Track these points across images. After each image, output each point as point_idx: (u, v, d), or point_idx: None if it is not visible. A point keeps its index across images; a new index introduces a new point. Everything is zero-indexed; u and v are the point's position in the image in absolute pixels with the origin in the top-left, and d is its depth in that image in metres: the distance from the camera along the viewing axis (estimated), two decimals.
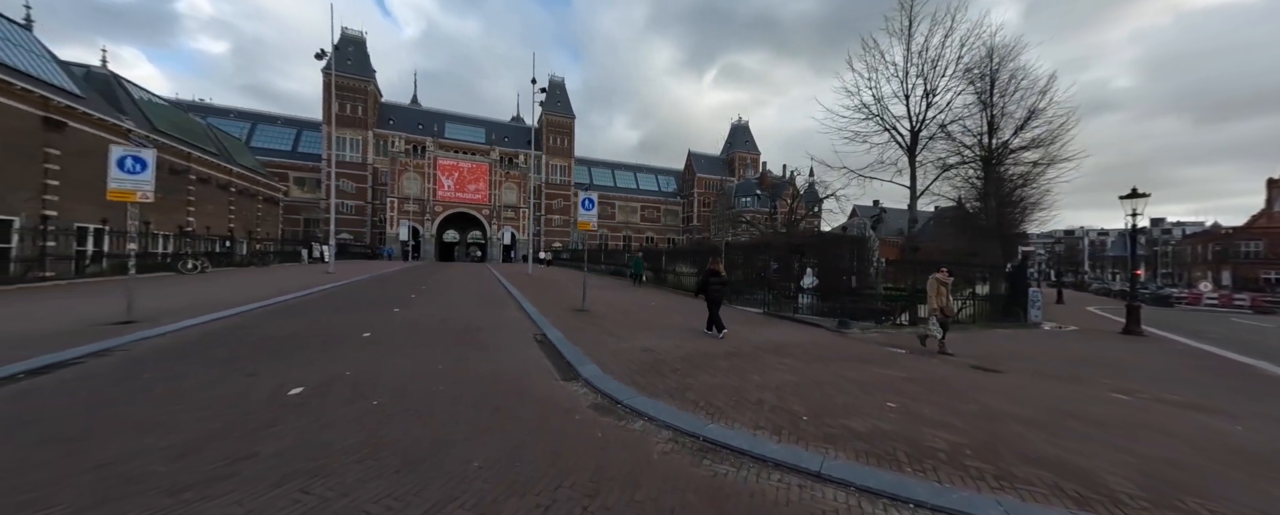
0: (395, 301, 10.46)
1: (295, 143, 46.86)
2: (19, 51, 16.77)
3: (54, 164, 16.98)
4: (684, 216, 67.76)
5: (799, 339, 7.85)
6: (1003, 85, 11.25)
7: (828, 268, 12.57)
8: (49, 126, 16.92)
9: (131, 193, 6.47)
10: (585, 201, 9.82)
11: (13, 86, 15.37)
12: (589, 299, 11.70)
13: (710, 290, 7.79)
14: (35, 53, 17.63)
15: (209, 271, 18.60)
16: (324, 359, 5.11)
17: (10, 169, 15.51)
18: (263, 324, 7.17)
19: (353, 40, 47.33)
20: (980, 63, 11.01)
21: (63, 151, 17.30)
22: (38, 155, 16.55)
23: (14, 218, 15.66)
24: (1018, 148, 11.69)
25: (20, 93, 15.70)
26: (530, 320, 8.57)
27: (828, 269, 12.63)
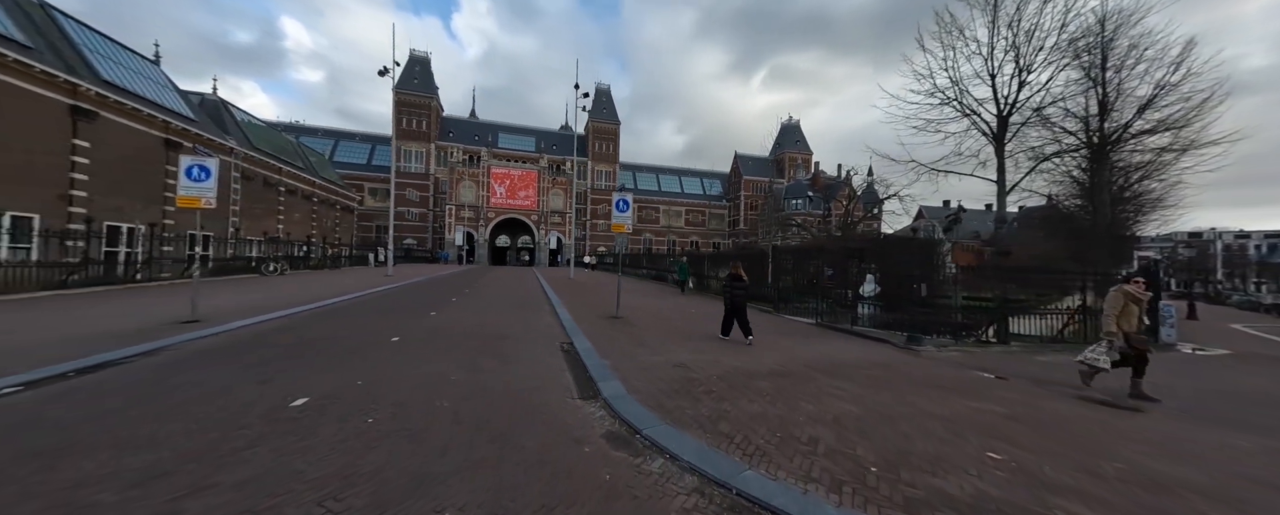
0: (436, 305, 10.54)
1: (370, 156, 51.17)
2: (147, 83, 19.46)
3: (171, 179, 19.47)
4: (729, 220, 65.74)
5: (859, 356, 6.73)
6: (1119, 57, 9.16)
7: (892, 274, 11.10)
8: (168, 146, 19.45)
9: (196, 199, 6.87)
10: (619, 203, 9.30)
11: (140, 112, 17.80)
12: (626, 306, 11.15)
13: (733, 295, 7.53)
14: (160, 83, 20.40)
15: (287, 273, 20.30)
16: (344, 366, 4.94)
17: (137, 183, 17.93)
18: (306, 326, 7.32)
19: (419, 61, 51.00)
20: (1089, 31, 9.02)
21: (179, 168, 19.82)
22: (160, 171, 19.04)
23: (138, 226, 18.07)
24: (1141, 131, 9.48)
25: (146, 118, 18.14)
26: (561, 327, 8.15)
27: (892, 275, 11.15)
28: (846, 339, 8.62)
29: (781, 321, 10.55)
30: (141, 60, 20.08)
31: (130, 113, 17.39)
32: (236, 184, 23.66)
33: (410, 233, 49.64)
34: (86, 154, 15.69)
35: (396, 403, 3.78)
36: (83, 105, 15.50)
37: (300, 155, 32.38)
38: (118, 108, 16.86)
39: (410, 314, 8.94)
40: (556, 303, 11.68)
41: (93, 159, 15.83)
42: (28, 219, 14.17)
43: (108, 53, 17.95)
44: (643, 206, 61.10)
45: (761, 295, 13.40)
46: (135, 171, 17.81)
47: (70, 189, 15.34)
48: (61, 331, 6.15)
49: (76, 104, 15.34)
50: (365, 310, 9.27)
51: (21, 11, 15.10)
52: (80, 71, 15.73)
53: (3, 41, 13.32)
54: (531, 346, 6.44)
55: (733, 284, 7.63)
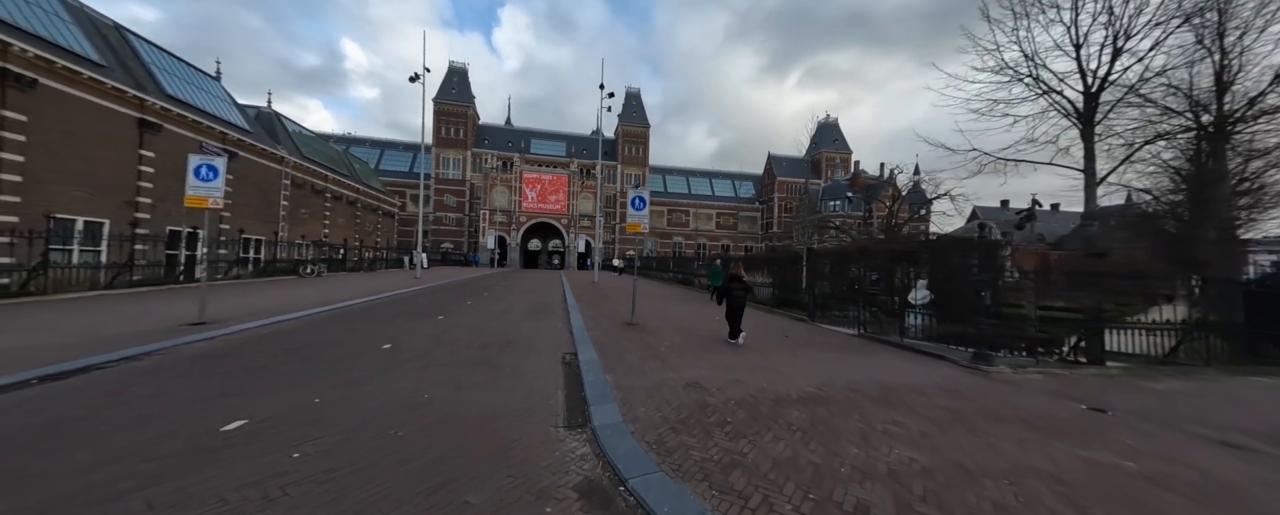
0: (449, 309, 10.17)
1: (412, 164, 53.37)
2: (208, 97, 20.83)
3: (230, 187, 20.72)
4: (763, 223, 63.43)
5: (915, 378, 5.57)
6: (1245, 19, 7.33)
7: (948, 279, 9.65)
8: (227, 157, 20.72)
9: (204, 199, 6.75)
10: (635, 200, 8.53)
11: (200, 124, 18.99)
12: (646, 312, 10.34)
13: (732, 296, 7.28)
14: (219, 97, 21.83)
15: (325, 275, 20.94)
16: (317, 379, 4.44)
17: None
18: (307, 330, 7.03)
19: (457, 71, 52.80)
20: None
21: (237, 177, 21.05)
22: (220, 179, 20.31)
23: (201, 230, 19.25)
24: (1275, 108, 7.55)
25: (205, 129, 19.35)
26: (570, 335, 7.45)
27: (948, 281, 9.70)
28: (896, 354, 7.38)
29: (818, 332, 9.37)
30: (203, 76, 21.52)
31: (191, 124, 18.52)
32: (286, 191, 24.92)
33: (448, 237, 51.21)
34: (151, 163, 16.77)
35: (346, 430, 3.16)
36: (149, 118, 16.59)
37: (346, 164, 33.99)
38: (180, 120, 17.99)
39: (418, 318, 8.56)
40: (573, 307, 11.04)
41: (157, 168, 16.92)
42: (99, 224, 15.20)
43: (173, 69, 19.29)
44: (672, 209, 60.12)
45: (795, 302, 12.19)
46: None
47: (136, 196, 16.40)
48: (72, 333, 6.12)
49: (143, 117, 16.42)
50: (375, 314, 9.00)
51: (98, 33, 16.40)
52: (147, 87, 16.89)
53: (79, 60, 14.41)
54: (531, 357, 5.77)
55: (733, 284, 7.40)
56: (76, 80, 14.21)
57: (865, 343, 8.43)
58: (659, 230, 59.43)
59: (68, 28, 14.89)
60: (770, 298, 13.36)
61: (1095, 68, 7.97)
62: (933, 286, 10.34)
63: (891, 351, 7.64)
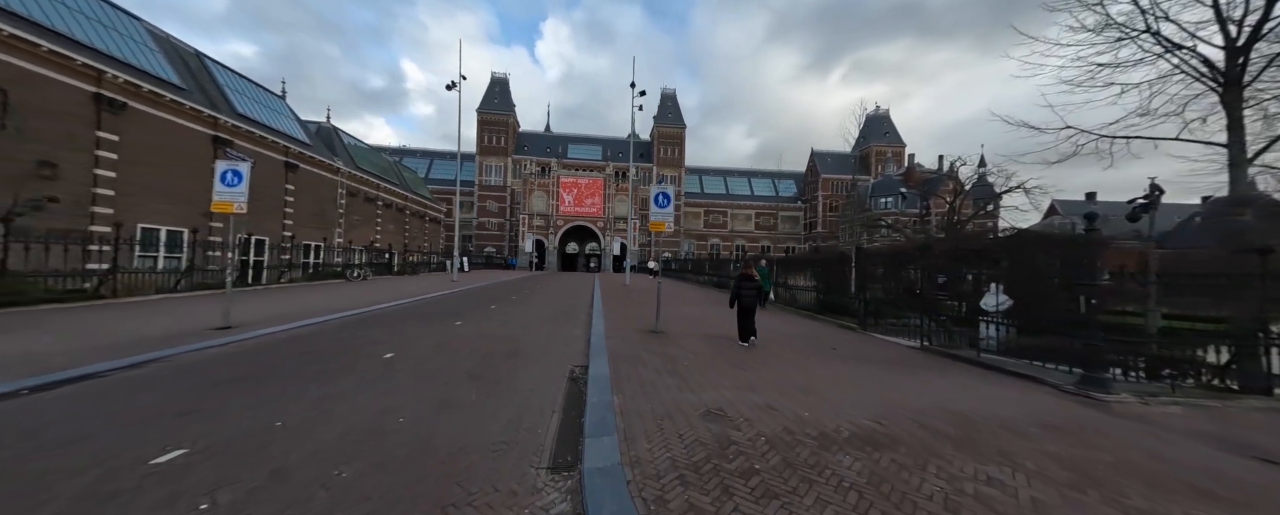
0: (470, 313, 9.89)
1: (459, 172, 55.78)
2: (274, 114, 22.53)
3: (291, 197, 22.26)
4: (805, 222, 60.23)
5: (1003, 408, 4.35)
6: None
7: (1034, 282, 8.06)
8: (288, 169, 22.28)
9: (229, 204, 6.80)
10: (659, 197, 7.75)
11: (265, 139, 20.51)
12: (677, 317, 9.53)
13: (742, 297, 7.16)
14: (285, 114, 23.57)
15: (370, 279, 21.80)
16: (296, 393, 4.05)
17: (266, 201, 20.64)
18: (323, 335, 6.88)
19: (499, 82, 54.62)
20: None
21: (297, 187, 22.61)
22: (280, 190, 21.84)
23: (266, 237, 20.76)
24: None
25: (270, 143, 20.88)
26: (587, 343, 6.80)
27: (1034, 284, 8.11)
28: (971, 373, 6.06)
29: (870, 343, 8.10)
30: (270, 95, 23.31)
31: (257, 140, 19.98)
32: (341, 199, 26.47)
33: (490, 241, 52.92)
34: None
35: (284, 468, 2.63)
36: (221, 135, 18.02)
37: (396, 173, 35.85)
38: (248, 136, 19.43)
39: (435, 322, 8.29)
40: (598, 312, 10.44)
41: None
42: (179, 233, 16.60)
43: (244, 90, 20.96)
44: (709, 210, 58.58)
45: (842, 307, 10.84)
46: (262, 191, 20.45)
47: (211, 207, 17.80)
48: (111, 335, 6.29)
49: (217, 134, 17.85)
50: (397, 318, 8.84)
51: (180, 59, 18.07)
52: (221, 107, 18.38)
53: (163, 84, 15.84)
54: (535, 370, 5.15)
55: (742, 284, 7.20)
56: (160, 102, 15.61)
57: (929, 358, 7.10)
58: (695, 232, 58.10)
59: (154, 55, 16.47)
60: (813, 303, 12.06)
61: (1243, 15, 6.18)
62: (1011, 290, 8.74)
63: (963, 369, 6.31)
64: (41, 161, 12.27)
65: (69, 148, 13.03)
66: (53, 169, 12.83)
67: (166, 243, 15.98)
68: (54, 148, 12.57)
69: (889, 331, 9.16)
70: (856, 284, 10.81)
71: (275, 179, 21.27)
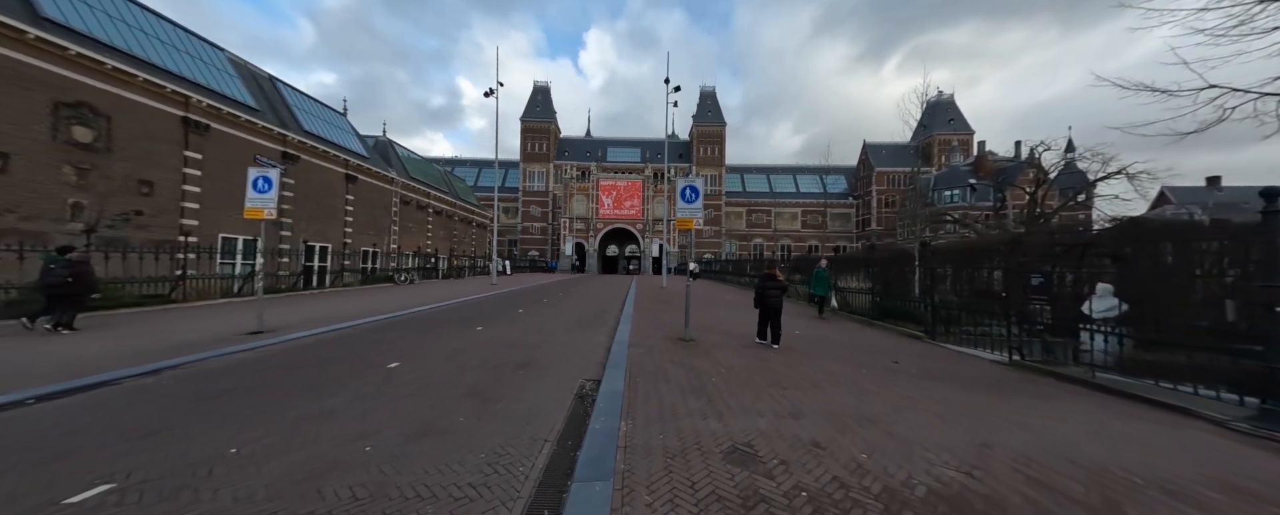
0: (496, 317, 9.63)
1: (504, 179, 57.91)
2: (336, 130, 24.29)
3: (350, 207, 23.86)
4: (858, 219, 56.15)
5: (1151, 456, 3.13)
6: None
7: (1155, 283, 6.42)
8: (348, 180, 23.89)
9: (260, 211, 6.93)
10: (686, 191, 6.97)
11: (328, 153, 22.09)
12: (709, 323, 8.68)
13: (767, 298, 6.96)
14: (345, 130, 25.36)
15: (416, 283, 22.67)
16: (277, 410, 3.75)
17: (327, 210, 22.23)
18: (345, 341, 6.80)
19: (541, 90, 56.12)
20: None
21: (355, 197, 24.20)
22: (341, 199, 23.45)
23: (328, 244, 22.34)
24: None
25: (331, 157, 22.47)
26: (607, 352, 6.17)
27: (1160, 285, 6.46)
28: (1089, 400, 4.70)
29: (942, 356, 6.78)
30: (332, 112, 25.13)
31: (320, 154, 21.51)
32: (395, 208, 28.03)
33: (533, 245, 54.32)
34: (291, 188, 19.69)
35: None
36: (289, 151, 19.54)
37: (446, 182, 37.61)
38: (312, 150, 20.95)
39: (458, 327, 8.05)
40: (627, 316, 9.81)
41: (295, 193, 19.84)
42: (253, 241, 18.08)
43: (309, 108, 22.70)
44: (752, 209, 56.33)
45: (905, 313, 9.39)
46: (323, 201, 22.02)
47: (281, 217, 19.30)
48: (158, 338, 6.57)
49: (286, 150, 19.37)
50: (422, 323, 8.72)
51: (255, 82, 19.84)
52: (289, 125, 19.95)
53: (240, 106, 17.37)
54: (544, 385, 4.58)
55: (767, 284, 7.00)
56: (237, 122, 17.13)
57: (1024, 377, 5.71)
58: (737, 232, 56.10)
59: (233, 80, 18.15)
60: (869, 307, 10.62)
61: None
62: (1126, 292, 7.03)
63: (1074, 393, 4.94)
64: (140, 179, 13.75)
65: (161, 166, 14.53)
66: (150, 187, 14.37)
67: (243, 250, 17.47)
68: (147, 166, 14.05)
69: (964, 342, 7.69)
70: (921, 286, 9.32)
71: (336, 190, 22.82)
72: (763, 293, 6.96)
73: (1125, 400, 4.74)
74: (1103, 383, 5.27)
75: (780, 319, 6.87)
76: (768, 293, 6.90)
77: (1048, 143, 29.24)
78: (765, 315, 6.92)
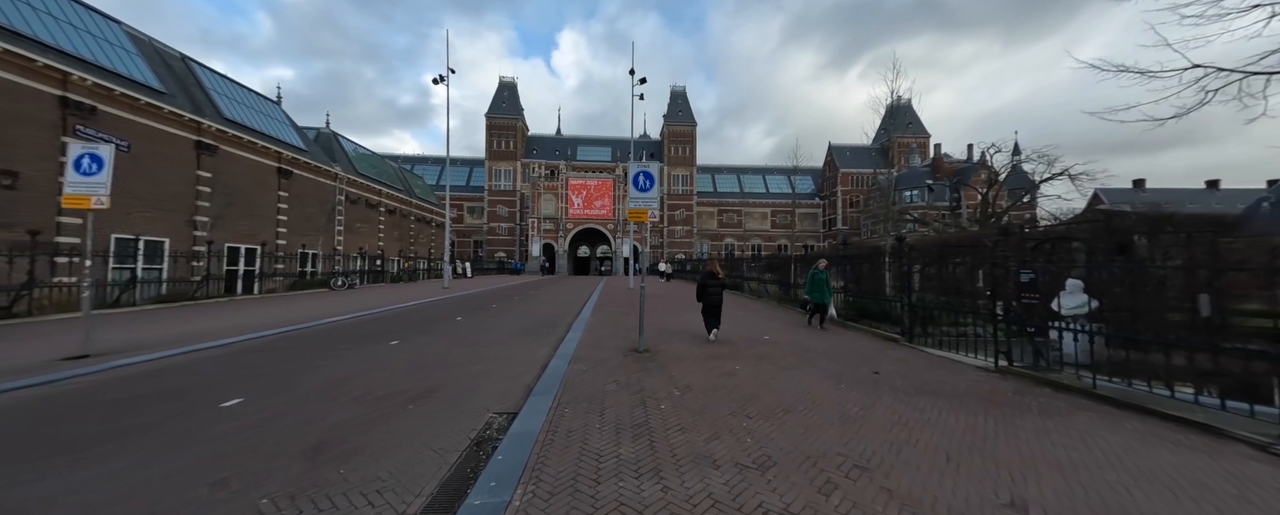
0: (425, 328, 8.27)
1: (468, 178, 55.27)
2: (267, 119, 21.74)
3: (284, 204, 21.39)
4: (825, 219, 57.23)
5: (1220, 502, 2.33)
6: None
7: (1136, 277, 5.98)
8: (281, 174, 21.43)
9: (86, 199, 5.34)
10: (637, 177, 5.93)
11: (255, 144, 19.64)
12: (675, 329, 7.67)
13: (707, 295, 7.19)
14: (279, 120, 22.77)
15: (357, 288, 20.61)
16: (34, 473, 2.37)
17: (254, 207, 19.76)
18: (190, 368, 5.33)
19: (507, 86, 53.88)
20: None
21: (290, 194, 21.75)
22: (273, 195, 20.97)
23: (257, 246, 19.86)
24: None
25: (260, 149, 20.01)
26: (542, 370, 5.02)
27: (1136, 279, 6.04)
28: (1096, 416, 3.97)
29: (923, 362, 6.04)
30: (264, 100, 22.56)
31: (246, 145, 19.10)
32: (341, 206, 25.60)
33: (501, 246, 52.03)
34: (209, 183, 17.29)
35: None
36: (205, 140, 17.12)
37: (402, 180, 35.07)
38: (235, 141, 18.55)
39: (369, 343, 6.67)
40: (582, 323, 8.68)
41: (215, 187, 17.44)
42: (160, 243, 15.66)
43: (233, 94, 20.17)
44: (723, 209, 56.31)
45: (878, 313, 8.73)
46: (252, 197, 19.57)
47: (195, 215, 16.88)
48: None
49: (200, 139, 16.95)
50: (324, 338, 7.25)
51: (163, 62, 17.30)
52: (206, 111, 17.51)
53: (138, 87, 14.96)
54: (437, 425, 3.39)
55: (707, 281, 7.24)
56: (135, 106, 14.73)
57: (1019, 387, 5.00)
58: (709, 231, 55.92)
59: (132, 58, 15.65)
60: (843, 307, 9.96)
61: None
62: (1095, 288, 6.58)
63: (1078, 406, 4.24)
64: None
65: (33, 155, 12.14)
66: (13, 177, 11.97)
67: (146, 253, 15.06)
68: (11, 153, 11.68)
69: (943, 344, 7.04)
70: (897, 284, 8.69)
71: (266, 185, 20.40)
72: (703, 288, 7.21)
73: (1138, 416, 4.05)
74: (1105, 393, 4.60)
75: (720, 313, 7.23)
76: (708, 289, 7.14)
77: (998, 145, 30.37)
78: (706, 310, 7.19)
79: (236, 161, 18.79)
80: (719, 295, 7.24)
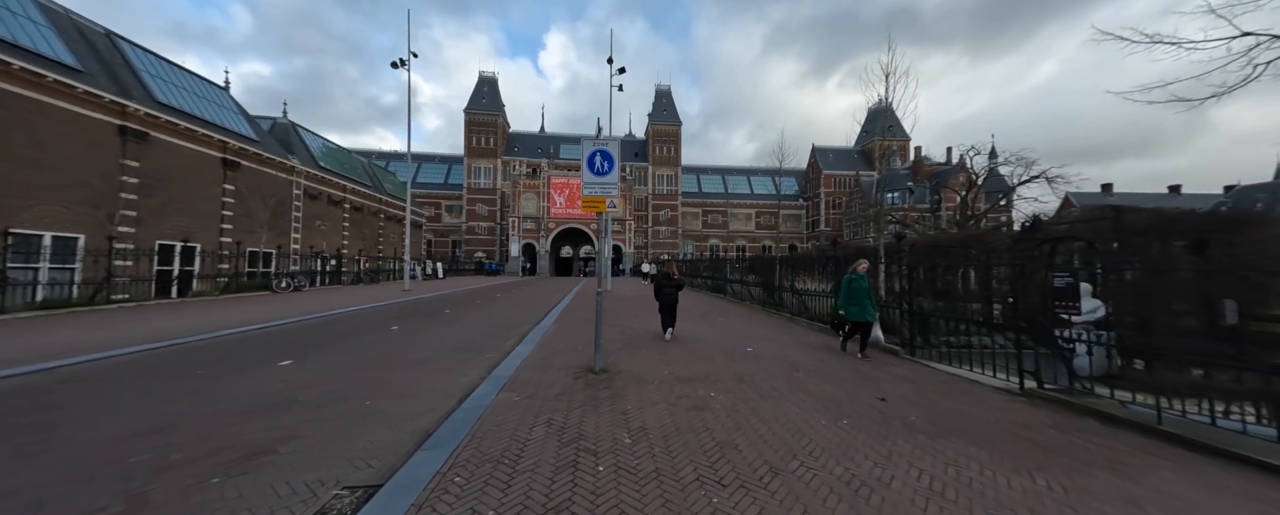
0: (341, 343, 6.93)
1: (446, 176, 53.14)
2: (212, 106, 19.76)
3: (230, 198, 19.43)
4: (808, 220, 57.06)
5: None
6: None
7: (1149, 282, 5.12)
8: (227, 166, 19.47)
9: None
10: (593, 157, 4.76)
11: (195, 132, 17.70)
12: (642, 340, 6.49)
13: (663, 294, 7.42)
14: (226, 107, 20.78)
15: (305, 290, 18.83)
16: None
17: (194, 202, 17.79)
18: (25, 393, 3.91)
19: (487, 81, 51.99)
20: None
21: (238, 187, 19.79)
22: (217, 189, 19.01)
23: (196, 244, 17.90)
24: None
25: (201, 137, 18.07)
26: (457, 406, 3.78)
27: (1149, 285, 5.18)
28: (1170, 462, 2.97)
29: (932, 383, 5.02)
30: (208, 85, 20.55)
31: (183, 133, 17.18)
32: (298, 202, 23.67)
33: (480, 246, 50.11)
34: (136, 173, 15.37)
35: None
36: (132, 125, 15.21)
37: (370, 175, 33.07)
38: (170, 128, 16.65)
39: (256, 362, 5.32)
40: (540, 332, 7.46)
41: (144, 179, 15.52)
42: (72, 240, 13.74)
43: (170, 77, 18.19)
44: (707, 210, 55.58)
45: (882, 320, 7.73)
46: (192, 189, 17.64)
47: (120, 209, 14.95)
48: None
49: (125, 124, 15.04)
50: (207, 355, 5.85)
51: (82, 38, 15.31)
52: (134, 93, 15.58)
53: (45, 63, 13.05)
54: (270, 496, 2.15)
55: (663, 282, 7.47)
56: (41, 85, 12.84)
57: (1055, 419, 4.01)
58: (694, 232, 55.11)
59: (40, 31, 13.70)
60: (828, 313, 8.93)
61: None
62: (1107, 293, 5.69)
63: (1142, 451, 3.23)
64: None
65: None
66: None
67: (53, 250, 13.14)
68: None
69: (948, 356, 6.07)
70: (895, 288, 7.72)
71: (208, 177, 18.47)
72: (660, 288, 7.45)
73: (1224, 466, 3.07)
74: (1173, 430, 3.61)
75: (675, 312, 7.42)
76: (664, 289, 7.39)
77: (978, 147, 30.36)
78: (662, 308, 7.40)
79: (172, 150, 16.88)
80: (674, 295, 7.44)
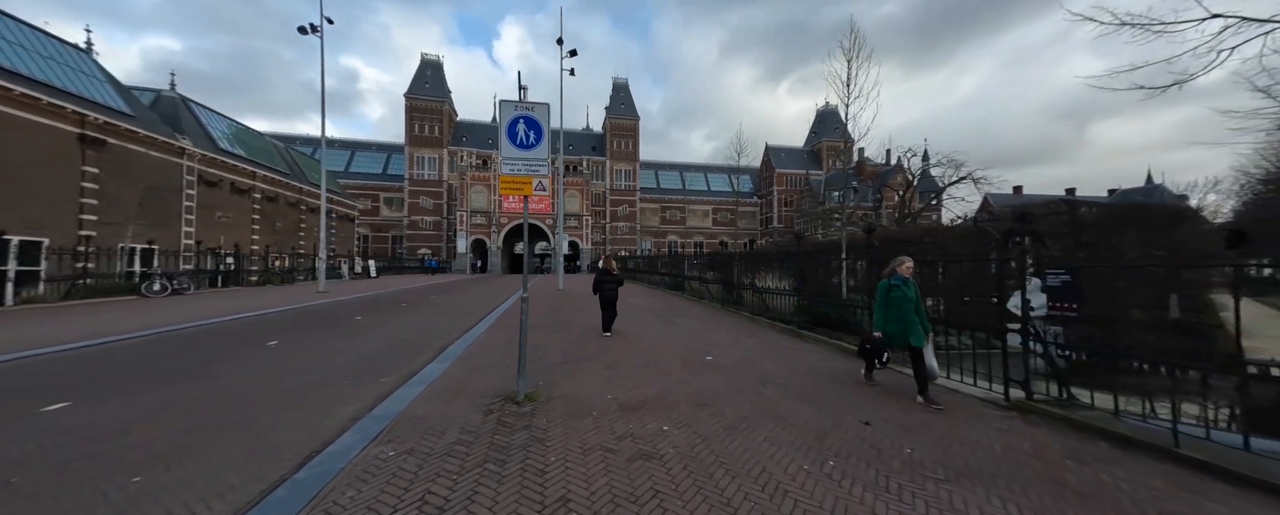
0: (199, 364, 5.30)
1: (385, 166, 48.61)
2: (69, 71, 16.02)
3: (92, 183, 15.89)
4: (762, 217, 58.53)
5: None
6: None
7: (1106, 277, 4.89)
8: (87, 144, 15.88)
9: None
10: (513, 125, 3.66)
11: (37, 101, 14.16)
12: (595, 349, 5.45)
13: (603, 290, 7.37)
14: (88, 74, 16.97)
15: (190, 292, 15.91)
16: None
17: (38, 187, 14.29)
18: None
19: (430, 64, 48.01)
20: None
21: (104, 171, 16.24)
22: (75, 171, 15.45)
23: (44, 238, 14.40)
24: None
25: (48, 108, 14.51)
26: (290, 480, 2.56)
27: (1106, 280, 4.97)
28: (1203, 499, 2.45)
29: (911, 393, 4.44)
30: (62, 46, 16.70)
31: (18, 100, 13.67)
32: (190, 189, 20.07)
33: (425, 242, 46.39)
34: None
35: None
36: None
37: (287, 162, 29.16)
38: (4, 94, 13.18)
39: (19, 404, 3.68)
40: (462, 346, 6.19)
41: None
42: None
43: (13, 36, 14.46)
44: (666, 206, 55.31)
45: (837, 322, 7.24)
46: (36, 172, 14.13)
47: None
48: None
49: None
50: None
51: None
52: None
53: None
54: None
55: (603, 278, 7.39)
56: None
57: (1063, 441, 3.50)
58: (652, 228, 54.63)
59: None
60: (790, 313, 8.39)
61: None
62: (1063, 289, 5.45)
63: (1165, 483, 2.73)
64: None
65: None
66: None
67: None
68: None
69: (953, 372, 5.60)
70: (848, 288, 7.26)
71: (62, 157, 14.96)
72: (599, 284, 7.34)
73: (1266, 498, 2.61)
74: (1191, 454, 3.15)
75: (615, 307, 7.36)
76: (604, 285, 7.30)
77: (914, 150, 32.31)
78: (603, 304, 7.32)
79: (5, 123, 13.41)
80: (614, 290, 7.35)
